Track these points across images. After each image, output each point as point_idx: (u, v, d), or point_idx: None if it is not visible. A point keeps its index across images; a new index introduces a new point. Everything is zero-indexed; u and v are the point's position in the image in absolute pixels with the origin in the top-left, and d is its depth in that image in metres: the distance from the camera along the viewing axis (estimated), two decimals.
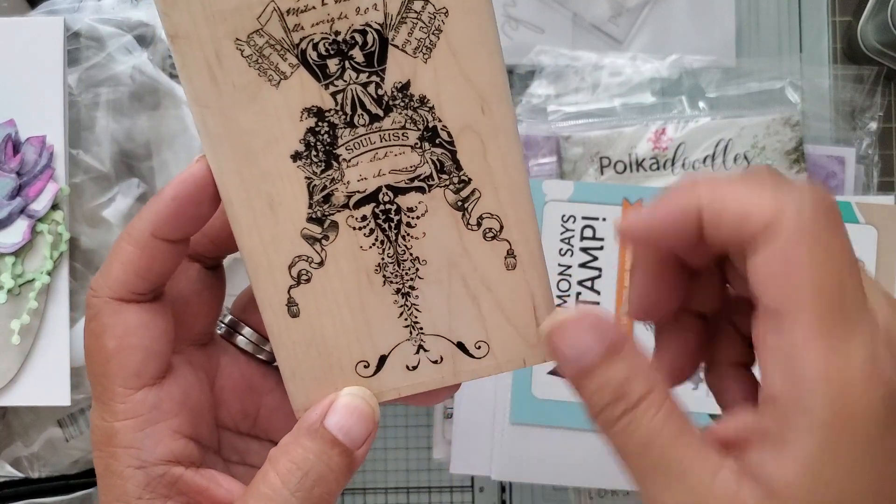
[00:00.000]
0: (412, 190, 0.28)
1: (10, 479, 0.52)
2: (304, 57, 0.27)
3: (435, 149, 0.28)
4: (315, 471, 0.28)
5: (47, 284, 0.48)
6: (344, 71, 0.27)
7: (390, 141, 0.27)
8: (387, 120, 0.27)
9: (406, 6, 0.26)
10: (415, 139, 0.27)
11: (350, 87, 0.27)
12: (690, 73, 0.57)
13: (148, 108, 0.51)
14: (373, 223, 0.28)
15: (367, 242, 0.28)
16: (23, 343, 0.47)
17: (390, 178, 0.28)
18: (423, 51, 0.27)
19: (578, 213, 0.52)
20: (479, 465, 0.52)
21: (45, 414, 0.52)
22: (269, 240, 0.28)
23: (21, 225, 0.47)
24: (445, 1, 0.26)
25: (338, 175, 0.28)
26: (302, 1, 0.26)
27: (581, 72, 0.57)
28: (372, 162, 0.28)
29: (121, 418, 0.29)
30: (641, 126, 0.55)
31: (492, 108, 0.27)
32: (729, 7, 0.58)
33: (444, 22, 0.26)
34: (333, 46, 0.27)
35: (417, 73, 0.27)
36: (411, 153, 0.28)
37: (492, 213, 0.28)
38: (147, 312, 0.29)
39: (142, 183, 0.51)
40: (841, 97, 0.57)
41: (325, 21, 0.26)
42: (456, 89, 0.27)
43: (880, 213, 0.51)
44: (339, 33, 0.26)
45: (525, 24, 0.58)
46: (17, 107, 0.48)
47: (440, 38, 0.27)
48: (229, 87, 0.27)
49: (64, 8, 0.50)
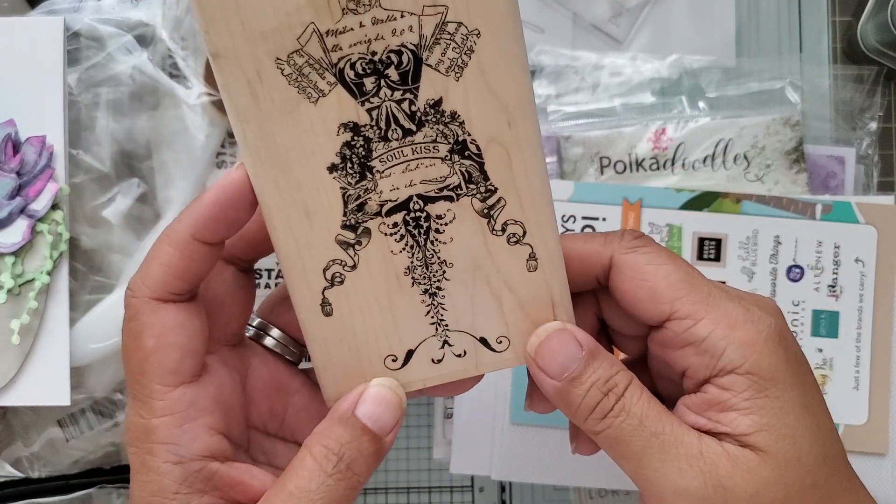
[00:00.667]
0: (441, 199, 0.30)
1: (10, 479, 0.52)
2: (342, 76, 0.28)
3: (464, 160, 0.29)
4: (348, 455, 0.29)
5: (47, 284, 0.48)
6: (380, 89, 0.28)
7: (422, 154, 0.29)
8: (419, 134, 0.29)
9: (440, 28, 0.28)
10: (445, 152, 0.29)
11: (385, 104, 0.28)
12: (690, 73, 0.57)
13: (148, 108, 0.51)
14: (403, 229, 0.30)
15: (398, 247, 0.30)
16: (23, 343, 0.47)
17: (421, 187, 0.29)
18: (455, 70, 0.28)
19: (578, 213, 0.52)
20: (479, 465, 0.52)
21: (46, 414, 0.52)
22: (305, 245, 0.30)
23: (21, 225, 0.47)
24: (478, 23, 0.28)
25: (371, 185, 0.29)
26: (341, 22, 0.27)
27: (581, 72, 0.57)
28: (404, 173, 0.29)
29: (159, 415, 0.30)
30: (641, 126, 0.55)
31: (517, 122, 0.29)
32: (729, 7, 0.58)
33: (476, 43, 0.28)
34: (370, 66, 0.28)
35: (449, 91, 0.28)
36: (441, 165, 0.29)
37: (516, 219, 0.30)
38: (184, 312, 0.30)
39: (142, 183, 0.51)
40: (841, 97, 0.57)
41: (363, 42, 0.28)
42: (484, 105, 0.29)
43: (880, 213, 0.51)
44: (375, 53, 0.28)
45: (525, 24, 0.58)
46: (17, 107, 0.48)
47: (471, 58, 0.28)
48: (269, 104, 0.28)
49: (64, 8, 0.50)
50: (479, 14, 0.27)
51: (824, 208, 0.51)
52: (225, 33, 0.27)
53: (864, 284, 0.51)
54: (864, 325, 0.51)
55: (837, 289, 0.51)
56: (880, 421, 0.51)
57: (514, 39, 0.28)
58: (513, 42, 0.28)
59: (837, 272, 0.51)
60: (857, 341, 0.51)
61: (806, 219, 0.51)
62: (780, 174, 0.54)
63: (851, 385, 0.51)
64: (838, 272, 0.51)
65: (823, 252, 0.51)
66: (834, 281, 0.51)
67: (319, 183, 0.29)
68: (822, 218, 0.51)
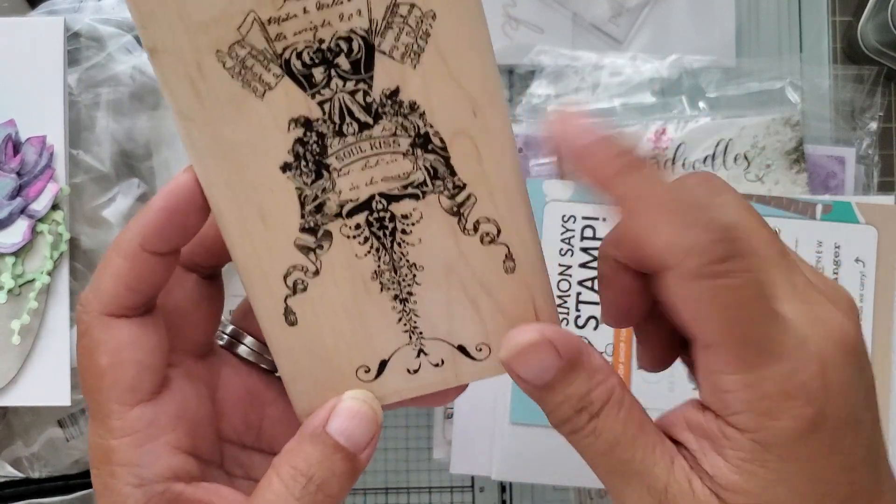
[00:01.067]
0: (406, 197, 0.27)
1: (10, 479, 0.52)
2: (289, 67, 0.26)
3: (427, 155, 0.27)
4: (319, 476, 0.28)
5: (47, 284, 0.48)
6: (330, 79, 0.26)
7: (381, 149, 0.27)
8: (377, 128, 0.27)
9: (391, 11, 0.26)
10: (406, 146, 0.27)
11: (337, 96, 0.26)
12: (690, 73, 0.57)
13: (148, 108, 0.51)
14: (367, 231, 0.28)
15: (363, 250, 0.28)
16: (23, 343, 0.47)
17: (383, 185, 0.27)
18: (411, 56, 0.26)
19: (579, 213, 0.52)
20: (479, 465, 0.52)
21: (46, 414, 0.52)
22: (263, 250, 0.28)
23: (21, 225, 0.47)
24: (433, 4, 0.25)
25: (329, 185, 0.27)
26: (283, 9, 0.25)
27: (581, 72, 0.57)
28: (363, 170, 0.27)
29: (118, 436, 0.28)
30: (641, 126, 0.55)
31: (484, 112, 0.27)
32: (729, 7, 0.58)
33: (432, 25, 0.26)
34: (318, 55, 0.26)
35: (406, 79, 0.26)
36: (403, 160, 0.27)
37: (489, 217, 0.28)
38: (139, 327, 0.29)
39: (142, 183, 0.51)
40: (841, 97, 0.57)
41: (308, 29, 0.26)
42: (446, 94, 0.26)
43: (880, 213, 0.51)
44: (322, 41, 0.26)
45: (525, 24, 0.58)
46: (18, 107, 0.48)
47: (428, 43, 0.26)
48: (213, 100, 0.26)
49: (64, 8, 0.50)
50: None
51: (824, 208, 0.51)
52: (163, 26, 0.25)
53: (864, 284, 0.51)
54: (864, 325, 0.51)
55: None
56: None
57: (474, 20, 0.26)
58: (473, 23, 0.26)
59: (838, 272, 0.51)
60: None
61: (806, 219, 0.51)
62: (781, 174, 0.54)
63: None
64: (838, 272, 0.51)
65: (824, 252, 0.51)
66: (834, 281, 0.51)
67: (273, 183, 0.27)
68: (823, 218, 0.51)
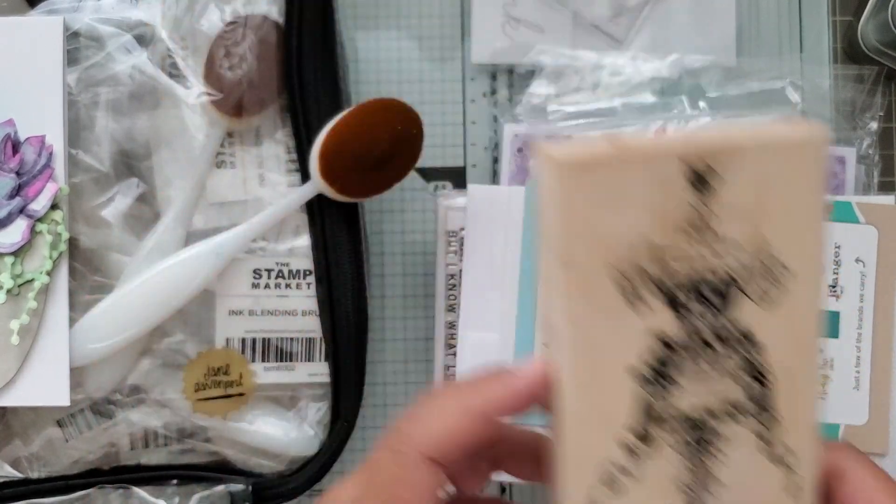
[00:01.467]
0: (728, 418, 0.30)
1: (9, 480, 0.52)
2: (664, 289, 0.29)
3: (754, 384, 0.30)
4: None
5: (47, 284, 0.47)
6: (695, 306, 0.29)
7: (720, 374, 0.30)
8: (722, 355, 0.30)
9: (760, 260, 0.29)
10: (740, 375, 0.30)
11: (697, 322, 0.30)
12: (691, 73, 0.57)
13: (148, 107, 0.51)
14: (685, 444, 0.30)
15: (680, 463, 0.30)
16: (22, 343, 0.47)
17: (712, 405, 0.30)
18: (766, 300, 0.30)
19: None
20: None
21: (45, 414, 0.52)
22: (588, 442, 0.30)
23: (20, 225, 0.47)
24: (792, 263, 0.29)
25: (667, 395, 0.30)
26: (671, 239, 0.29)
27: (581, 71, 0.57)
28: (699, 389, 0.30)
29: None
30: (642, 126, 0.55)
31: (809, 355, 0.30)
32: (729, 7, 0.58)
33: (786, 277, 0.29)
34: (692, 284, 0.29)
35: (759, 320, 0.30)
36: (735, 387, 0.30)
37: (794, 450, 0.31)
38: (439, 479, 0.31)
39: (141, 183, 0.51)
40: (841, 97, 0.57)
41: (688, 258, 0.29)
42: (785, 337, 0.30)
43: (881, 213, 0.51)
44: (697, 272, 0.29)
45: (525, 23, 0.58)
46: (17, 106, 0.48)
47: (783, 293, 0.30)
48: (598, 308, 0.29)
49: (63, 7, 0.50)
50: (794, 255, 0.29)
51: None
52: (581, 247, 0.28)
53: (864, 284, 0.51)
54: (864, 326, 0.51)
55: (838, 289, 0.51)
56: (880, 421, 0.50)
57: (818, 283, 0.30)
58: (817, 282, 0.30)
59: (838, 272, 0.51)
60: (857, 341, 0.51)
61: None
62: None
63: (852, 385, 0.51)
64: (839, 272, 0.51)
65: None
66: (834, 281, 0.51)
67: (619, 386, 0.30)
68: None
